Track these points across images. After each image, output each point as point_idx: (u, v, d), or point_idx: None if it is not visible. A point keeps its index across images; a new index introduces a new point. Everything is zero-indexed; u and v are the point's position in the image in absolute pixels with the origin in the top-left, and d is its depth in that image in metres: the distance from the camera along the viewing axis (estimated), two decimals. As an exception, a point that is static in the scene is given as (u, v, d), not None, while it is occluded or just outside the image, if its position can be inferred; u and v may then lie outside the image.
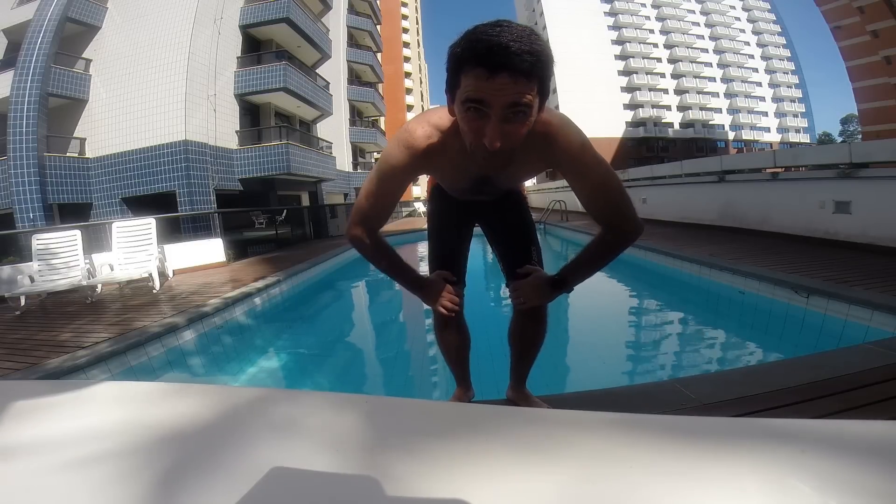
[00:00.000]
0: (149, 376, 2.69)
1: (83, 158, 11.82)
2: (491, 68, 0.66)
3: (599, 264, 1.00)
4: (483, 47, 0.66)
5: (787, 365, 1.85)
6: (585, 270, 1.01)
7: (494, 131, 0.70)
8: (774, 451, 0.46)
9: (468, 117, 0.73)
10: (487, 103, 0.69)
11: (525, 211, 1.34)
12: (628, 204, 0.92)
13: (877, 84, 24.55)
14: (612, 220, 0.94)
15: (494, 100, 0.68)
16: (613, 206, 0.92)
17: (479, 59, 0.67)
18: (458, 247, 1.32)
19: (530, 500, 0.42)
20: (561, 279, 1.02)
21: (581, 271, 1.01)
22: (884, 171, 4.25)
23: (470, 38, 0.69)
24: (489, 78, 0.67)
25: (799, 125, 47.53)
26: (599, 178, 0.89)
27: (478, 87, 0.68)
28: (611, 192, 0.91)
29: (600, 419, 0.60)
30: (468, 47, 0.68)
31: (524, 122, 0.71)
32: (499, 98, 0.68)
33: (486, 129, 0.71)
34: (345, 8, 20.44)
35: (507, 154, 0.76)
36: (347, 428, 0.58)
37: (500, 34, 0.66)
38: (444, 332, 1.37)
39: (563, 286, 1.02)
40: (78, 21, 11.88)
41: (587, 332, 3.38)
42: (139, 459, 0.52)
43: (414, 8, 49.09)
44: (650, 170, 9.75)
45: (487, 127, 0.71)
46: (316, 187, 16.68)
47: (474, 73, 0.68)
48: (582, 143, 0.87)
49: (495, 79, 0.66)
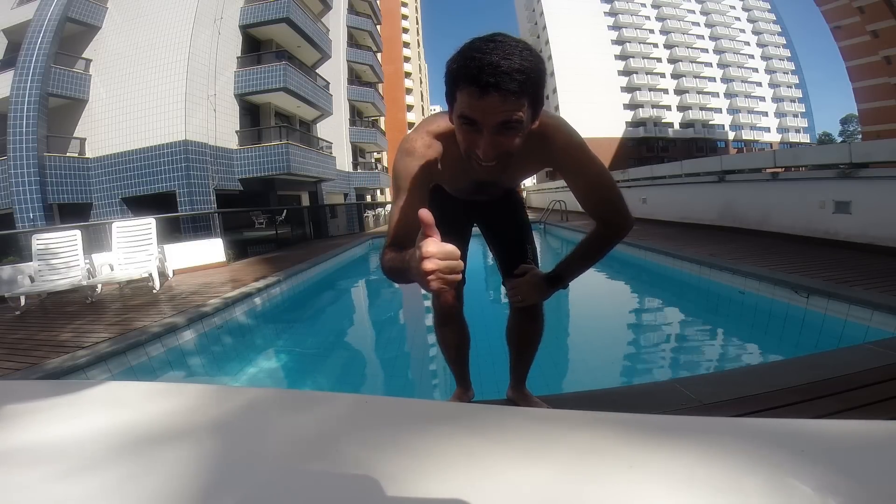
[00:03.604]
0: (149, 376, 2.69)
1: (83, 158, 11.83)
2: (481, 87, 0.67)
3: (593, 259, 1.03)
4: (475, 66, 0.67)
5: (787, 365, 1.86)
6: (580, 266, 1.03)
7: (487, 147, 0.73)
8: (774, 451, 0.46)
9: (463, 131, 0.76)
10: (479, 122, 0.72)
11: (521, 210, 1.35)
12: (621, 200, 0.96)
13: (877, 84, 24.56)
14: (606, 215, 0.97)
15: (485, 118, 0.71)
16: (608, 202, 0.96)
17: (470, 78, 0.68)
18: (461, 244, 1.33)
19: (530, 500, 0.42)
20: (556, 276, 1.04)
21: (576, 267, 1.03)
22: (884, 171, 4.25)
23: (464, 55, 0.70)
24: (480, 97, 0.68)
25: (799, 125, 47.54)
26: (594, 175, 0.93)
27: (470, 104, 0.70)
28: (605, 188, 0.94)
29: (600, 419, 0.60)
30: (462, 65, 0.70)
31: (516, 135, 0.74)
32: (489, 117, 0.70)
33: (479, 142, 0.74)
34: (345, 8, 20.44)
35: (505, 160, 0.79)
36: (347, 428, 0.58)
37: (492, 52, 0.67)
38: (443, 329, 1.37)
39: (558, 283, 1.04)
40: (78, 21, 11.89)
41: (587, 332, 3.38)
42: (139, 460, 0.52)
43: (414, 8, 49.08)
44: (650, 170, 9.74)
45: (481, 140, 0.74)
46: (316, 187, 16.68)
47: (467, 91, 0.70)
48: (577, 142, 0.90)
49: (486, 98, 0.68)
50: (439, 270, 0.59)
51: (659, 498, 0.41)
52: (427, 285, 0.61)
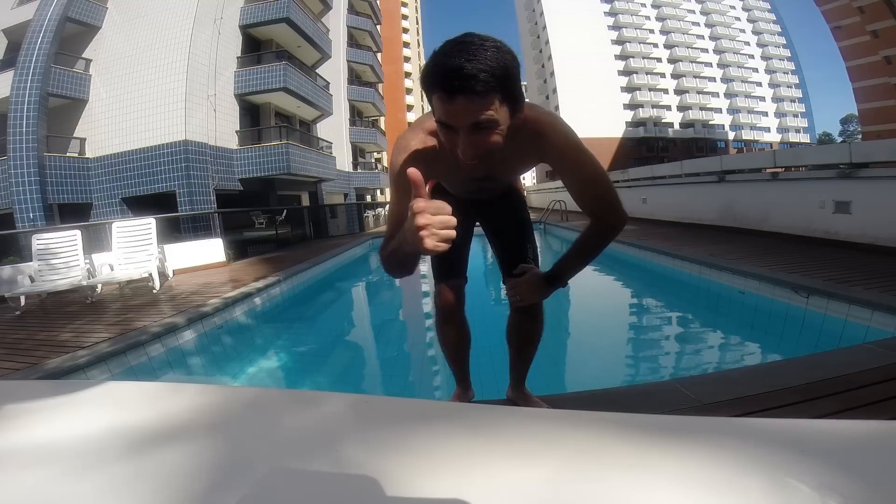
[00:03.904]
0: (149, 376, 2.69)
1: (83, 158, 11.82)
2: (448, 92, 0.69)
3: (590, 256, 1.03)
4: (440, 72, 0.69)
5: (786, 365, 1.85)
6: (577, 263, 1.04)
7: (464, 147, 0.75)
8: (774, 451, 0.46)
9: (443, 133, 0.78)
10: (453, 125, 0.74)
11: (522, 209, 1.36)
12: (616, 197, 0.97)
13: (877, 84, 24.56)
14: (600, 211, 0.98)
15: (457, 121, 0.73)
16: (602, 198, 0.96)
17: (437, 84, 0.70)
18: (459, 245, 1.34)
19: (530, 500, 0.42)
20: (555, 274, 1.04)
21: (573, 265, 1.04)
22: (884, 171, 4.25)
23: (433, 60, 0.72)
24: (449, 102, 0.70)
25: (799, 125, 47.52)
26: (589, 172, 0.93)
27: (442, 109, 0.72)
28: (599, 185, 0.95)
29: (600, 419, 0.60)
30: (430, 71, 0.71)
31: (492, 133, 0.74)
32: (461, 120, 0.72)
33: (458, 143, 0.76)
34: (345, 8, 20.44)
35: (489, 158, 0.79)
36: (347, 428, 0.58)
37: (457, 55, 0.68)
38: (444, 328, 1.37)
39: (557, 281, 1.05)
40: (78, 21, 11.88)
41: (587, 332, 3.38)
42: (139, 459, 0.52)
43: (414, 8, 49.09)
44: (650, 170, 9.74)
45: (459, 141, 0.75)
46: (316, 187, 16.67)
47: (437, 97, 0.72)
48: (572, 139, 0.90)
49: (454, 102, 0.70)
50: (431, 225, 0.61)
51: (659, 498, 0.41)
52: (421, 243, 0.62)
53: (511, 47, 0.73)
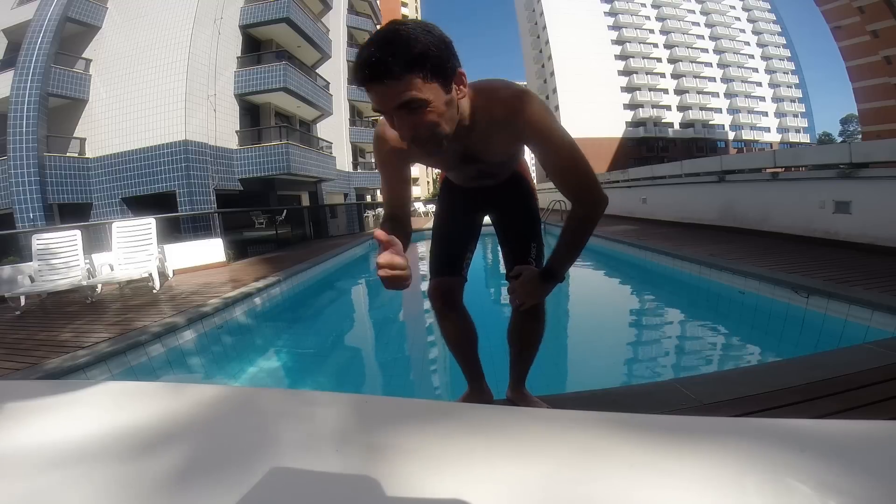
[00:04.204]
0: (149, 376, 2.69)
1: (83, 158, 11.82)
2: (364, 83, 0.73)
3: (580, 244, 1.02)
4: (356, 66, 0.73)
5: (787, 365, 1.85)
6: (568, 254, 1.02)
7: (400, 129, 0.78)
8: (774, 451, 0.46)
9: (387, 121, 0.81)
10: (382, 111, 0.77)
11: (530, 199, 1.35)
12: (591, 176, 0.96)
13: (877, 84, 24.56)
14: (576, 191, 0.97)
15: (383, 107, 0.76)
16: (580, 179, 0.95)
17: (356, 79, 0.74)
18: (462, 237, 1.36)
19: (530, 499, 0.42)
20: (550, 271, 1.03)
21: (564, 256, 1.02)
22: (884, 171, 4.25)
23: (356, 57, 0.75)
24: (369, 90, 0.74)
25: (799, 125, 47.49)
26: (560, 148, 0.92)
27: (370, 99, 0.76)
28: (572, 161, 0.94)
29: (600, 419, 0.60)
30: (353, 68, 0.75)
31: (425, 112, 0.76)
32: (384, 105, 0.75)
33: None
34: (345, 8, 20.44)
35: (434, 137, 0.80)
36: (347, 428, 0.58)
37: (367, 48, 0.71)
38: (441, 324, 1.36)
39: (553, 277, 1.03)
40: (78, 21, 11.88)
41: (587, 332, 3.38)
42: (139, 459, 0.52)
43: (414, 8, 49.11)
44: (650, 170, 9.73)
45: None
46: (316, 187, 16.67)
47: (365, 89, 0.75)
48: (543, 114, 0.90)
49: (373, 90, 0.73)
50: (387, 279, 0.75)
51: (659, 497, 0.41)
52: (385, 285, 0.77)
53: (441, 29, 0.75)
